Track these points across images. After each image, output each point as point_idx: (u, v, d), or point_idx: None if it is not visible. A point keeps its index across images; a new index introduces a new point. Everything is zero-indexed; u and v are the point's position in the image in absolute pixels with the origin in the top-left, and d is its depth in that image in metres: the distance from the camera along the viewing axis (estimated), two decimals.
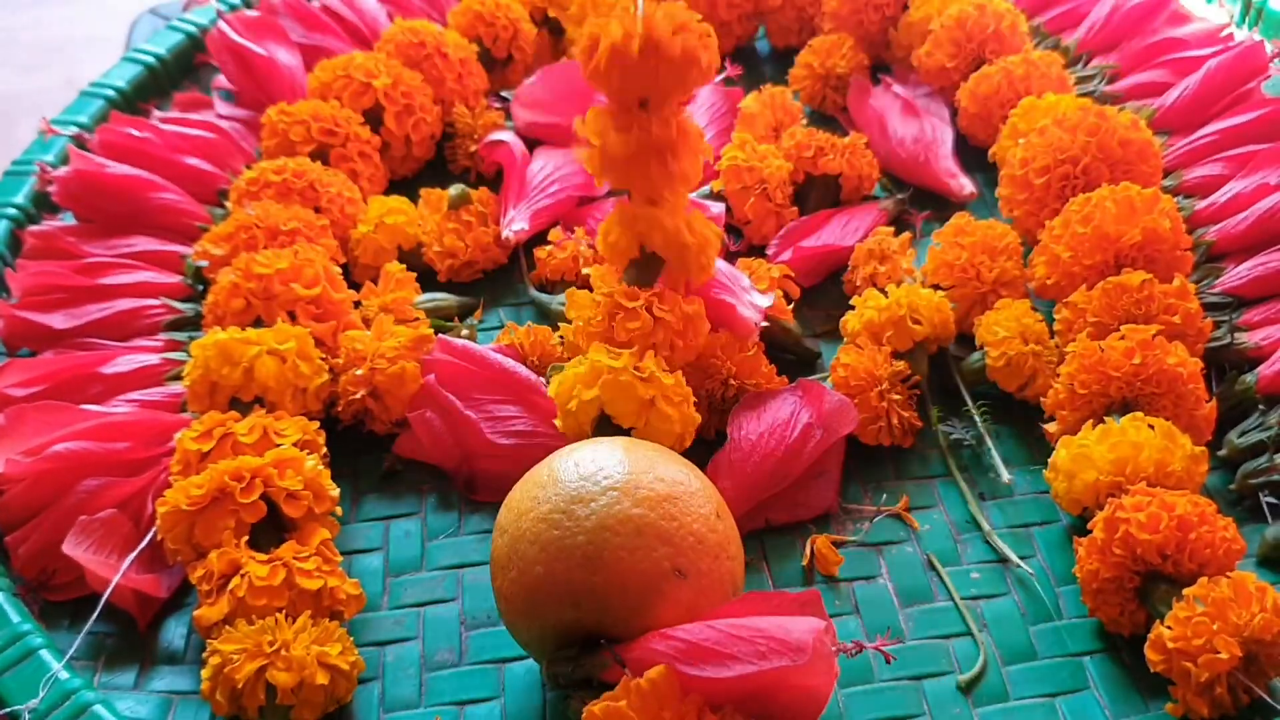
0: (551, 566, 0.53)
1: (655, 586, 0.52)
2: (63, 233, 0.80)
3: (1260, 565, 0.63)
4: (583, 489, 0.54)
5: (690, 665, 0.50)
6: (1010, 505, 0.67)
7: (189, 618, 0.62)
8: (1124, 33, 0.92)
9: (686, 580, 0.53)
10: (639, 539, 0.53)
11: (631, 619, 0.53)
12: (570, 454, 0.57)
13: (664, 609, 0.53)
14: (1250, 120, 0.81)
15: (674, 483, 0.55)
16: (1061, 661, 0.60)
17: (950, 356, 0.73)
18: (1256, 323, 0.72)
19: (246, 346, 0.67)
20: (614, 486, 0.54)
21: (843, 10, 0.95)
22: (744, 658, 0.49)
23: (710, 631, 0.51)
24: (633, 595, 0.52)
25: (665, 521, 0.53)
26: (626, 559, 0.52)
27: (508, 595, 0.55)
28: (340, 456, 0.69)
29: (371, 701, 0.59)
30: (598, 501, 0.53)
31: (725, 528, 0.56)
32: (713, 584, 0.54)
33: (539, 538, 0.54)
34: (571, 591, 0.53)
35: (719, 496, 0.58)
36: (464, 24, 0.94)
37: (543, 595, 0.53)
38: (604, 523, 0.53)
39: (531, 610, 0.54)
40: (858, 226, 0.81)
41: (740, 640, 0.50)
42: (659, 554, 0.53)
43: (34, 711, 0.55)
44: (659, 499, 0.54)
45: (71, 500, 0.64)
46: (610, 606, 0.52)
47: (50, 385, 0.70)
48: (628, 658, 0.52)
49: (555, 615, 0.53)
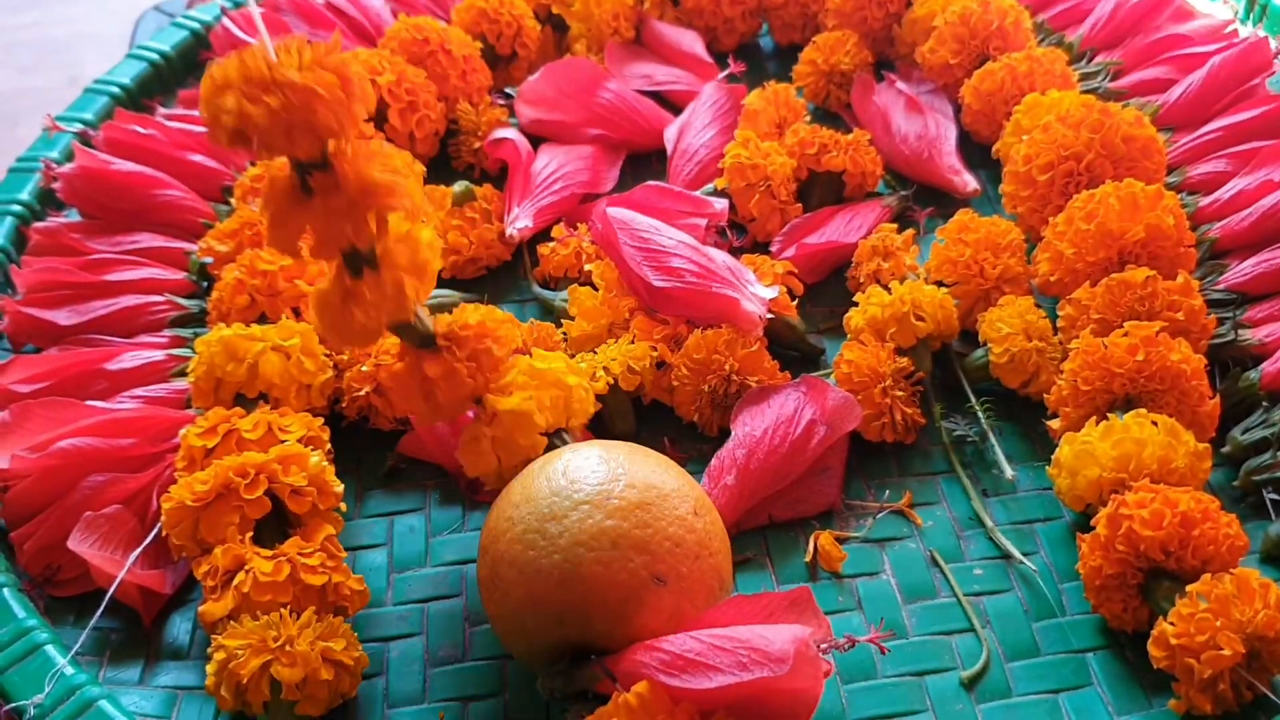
0: (530, 588, 0.53)
1: (635, 596, 0.53)
2: (68, 229, 0.80)
3: (1263, 562, 0.63)
4: (554, 505, 0.54)
5: (674, 677, 0.50)
6: (1013, 502, 0.67)
7: (194, 613, 0.63)
8: (1128, 29, 0.92)
9: (667, 585, 0.53)
10: (614, 551, 0.53)
11: (615, 631, 0.53)
12: (543, 467, 0.57)
13: (647, 617, 0.53)
14: (1254, 117, 0.81)
15: (646, 487, 0.55)
16: (1064, 658, 0.60)
17: (953, 353, 0.73)
18: (1260, 319, 0.72)
19: (251, 343, 0.67)
20: (585, 500, 0.54)
21: (846, 7, 0.95)
22: (726, 669, 0.50)
23: (693, 643, 0.51)
24: (613, 608, 0.52)
25: (639, 530, 0.53)
26: (603, 573, 0.52)
27: (495, 617, 0.56)
28: (344, 453, 0.69)
29: (375, 697, 0.60)
30: (570, 518, 0.53)
31: (705, 525, 0.56)
32: (695, 585, 0.54)
33: (516, 560, 0.54)
34: (553, 611, 0.53)
35: (699, 491, 0.57)
36: (468, 21, 0.94)
37: (527, 616, 0.54)
38: (577, 539, 0.53)
39: (519, 630, 0.55)
40: (861, 223, 0.81)
41: (722, 651, 0.50)
42: (635, 564, 0.53)
43: (39, 706, 0.55)
44: (631, 507, 0.54)
45: (77, 496, 0.64)
46: (593, 621, 0.53)
47: (55, 381, 0.71)
48: (616, 670, 0.52)
49: (541, 634, 0.54)
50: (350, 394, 0.70)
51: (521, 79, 0.93)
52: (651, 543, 0.53)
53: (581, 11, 0.96)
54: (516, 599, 0.54)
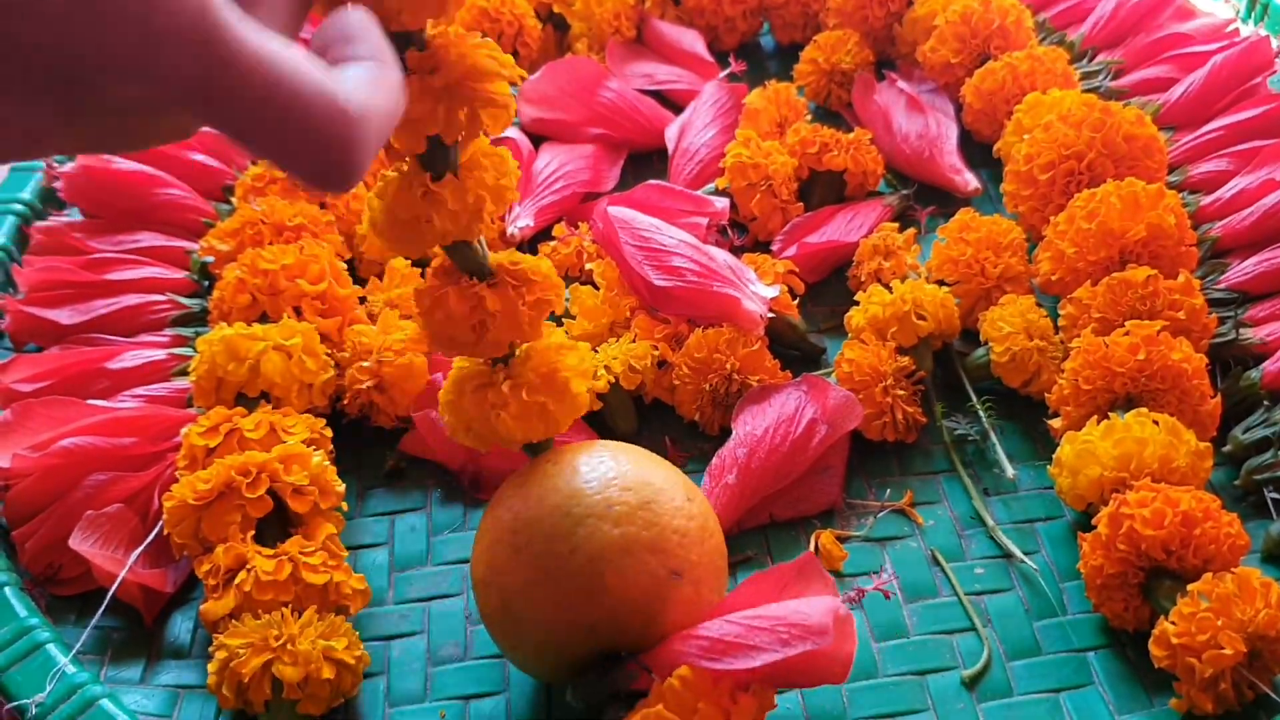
0: (556, 615, 0.53)
1: (658, 594, 0.53)
2: (69, 228, 0.80)
3: (1265, 561, 0.63)
4: (557, 525, 0.54)
5: (716, 661, 0.51)
6: (1014, 501, 0.67)
7: (195, 612, 0.63)
8: (1129, 28, 0.92)
9: (684, 577, 0.53)
10: (628, 558, 0.53)
11: (646, 631, 0.53)
12: (527, 485, 0.56)
13: (672, 612, 0.53)
14: (1256, 116, 0.81)
15: (641, 486, 0.55)
16: (1065, 657, 0.60)
17: (955, 352, 0.73)
18: (1261, 318, 0.71)
19: (252, 342, 0.67)
20: (588, 514, 0.53)
21: (847, 6, 0.95)
22: (768, 647, 0.51)
23: (730, 626, 0.52)
24: (641, 611, 0.53)
25: (646, 531, 0.53)
26: (623, 581, 0.53)
27: (515, 647, 0.56)
28: (346, 452, 0.69)
29: (377, 696, 0.60)
30: (578, 534, 0.53)
31: (699, 507, 0.56)
32: (706, 570, 0.55)
33: (531, 586, 0.53)
34: (583, 626, 0.53)
35: (682, 476, 0.58)
36: (469, 20, 0.94)
37: (557, 640, 0.54)
38: (590, 555, 0.53)
39: (549, 656, 0.55)
40: (862, 222, 0.81)
41: (761, 631, 0.51)
42: (651, 564, 0.53)
43: (41, 705, 0.55)
44: (633, 510, 0.54)
45: (78, 495, 0.64)
46: (623, 627, 0.53)
47: (57, 380, 0.71)
48: (653, 665, 0.53)
49: (571, 652, 0.54)
50: (352, 389, 0.70)
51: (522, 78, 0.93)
52: (660, 541, 0.53)
53: (582, 11, 0.96)
54: (545, 622, 0.54)
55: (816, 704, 0.58)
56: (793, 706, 0.58)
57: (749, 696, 0.51)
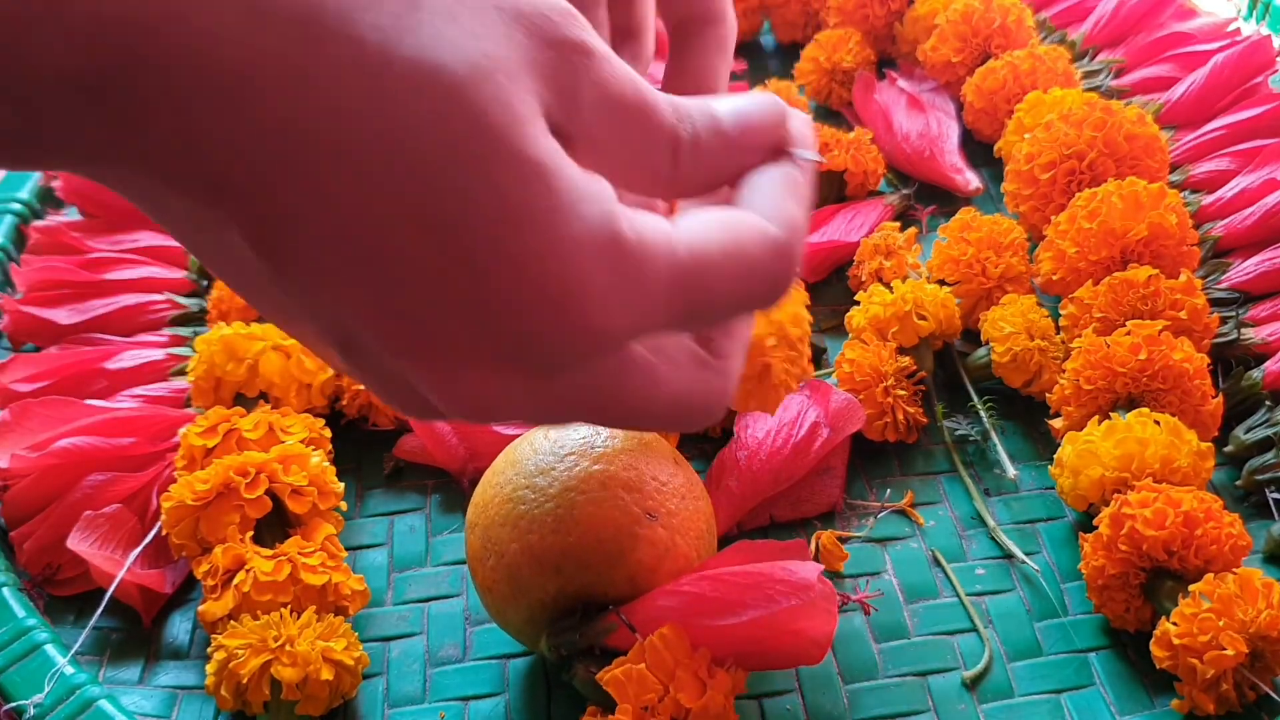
0: (526, 540, 0.54)
1: (628, 531, 0.54)
2: (67, 228, 0.80)
3: (1266, 561, 0.63)
4: (542, 462, 0.56)
5: (701, 617, 0.52)
6: (1016, 501, 0.67)
7: (194, 613, 0.62)
8: (1130, 27, 0.91)
9: (658, 520, 0.55)
10: (604, 491, 0.54)
11: (613, 569, 0.54)
12: (525, 440, 0.58)
13: (641, 551, 0.54)
14: (1258, 115, 0.81)
15: (628, 438, 0.57)
16: (1067, 658, 0.60)
17: (955, 352, 0.73)
18: (1263, 318, 0.71)
19: (251, 342, 0.67)
20: (571, 452, 0.56)
21: (848, 5, 0.95)
22: (755, 604, 0.52)
23: (713, 583, 0.53)
24: (608, 544, 0.54)
25: (626, 471, 0.55)
26: (595, 512, 0.54)
27: (490, 585, 0.56)
28: (344, 452, 0.69)
29: (376, 697, 0.59)
30: (558, 469, 0.55)
31: (686, 475, 0.58)
32: (685, 521, 0.56)
33: (507, 517, 0.55)
34: (550, 560, 0.54)
35: (673, 449, 0.59)
36: None
37: (524, 571, 0.54)
38: (567, 485, 0.54)
39: (516, 591, 0.55)
40: (863, 222, 0.81)
41: (746, 588, 0.52)
42: (625, 501, 0.54)
43: (39, 706, 0.55)
44: (617, 453, 0.56)
45: (76, 495, 0.64)
46: (590, 562, 0.54)
47: (55, 380, 0.70)
48: (634, 619, 0.53)
49: (540, 588, 0.54)
50: (351, 389, 0.70)
51: None
52: (638, 482, 0.55)
53: None
54: (512, 555, 0.54)
55: (817, 704, 0.58)
56: (793, 707, 0.58)
57: (725, 673, 0.52)
